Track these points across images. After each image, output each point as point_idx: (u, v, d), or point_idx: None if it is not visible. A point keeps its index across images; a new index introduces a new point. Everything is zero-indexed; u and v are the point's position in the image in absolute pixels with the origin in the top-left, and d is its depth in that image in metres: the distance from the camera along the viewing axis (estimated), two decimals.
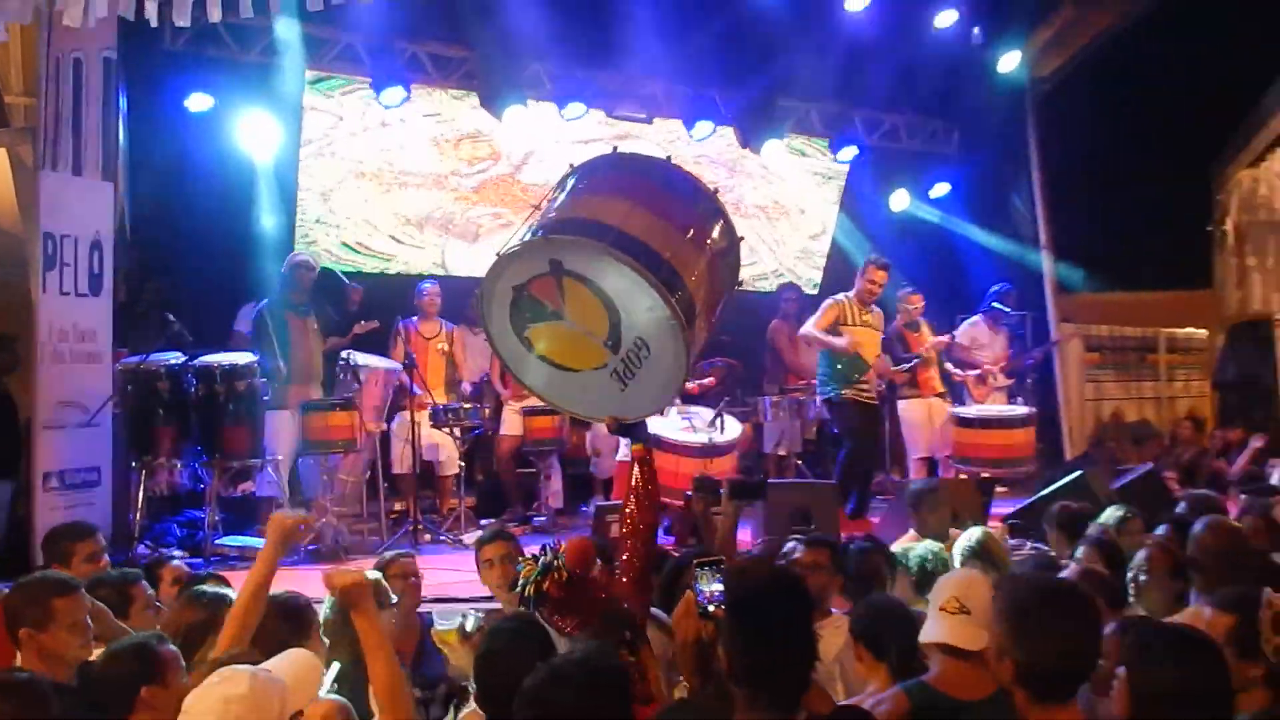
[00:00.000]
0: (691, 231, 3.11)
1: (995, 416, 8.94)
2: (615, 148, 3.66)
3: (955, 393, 9.60)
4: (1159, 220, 11.93)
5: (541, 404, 8.16)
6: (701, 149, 10.81)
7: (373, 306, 8.02)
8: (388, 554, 4.87)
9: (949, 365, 9.58)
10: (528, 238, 3.04)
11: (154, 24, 5.62)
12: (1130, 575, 4.08)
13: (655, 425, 7.39)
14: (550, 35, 9.10)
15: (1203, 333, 13.51)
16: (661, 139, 10.62)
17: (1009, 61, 10.82)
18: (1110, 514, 5.26)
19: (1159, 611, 3.77)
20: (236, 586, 3.68)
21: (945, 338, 9.29)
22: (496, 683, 2.68)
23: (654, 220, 2.94)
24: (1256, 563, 3.87)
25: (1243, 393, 11.90)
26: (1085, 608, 2.44)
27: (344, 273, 8.26)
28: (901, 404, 9.18)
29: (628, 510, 3.17)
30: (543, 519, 8.20)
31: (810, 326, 8.29)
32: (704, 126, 10.35)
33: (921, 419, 9.06)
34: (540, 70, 9.60)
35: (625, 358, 3.00)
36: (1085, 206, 11.47)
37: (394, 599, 3.83)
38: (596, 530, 6.39)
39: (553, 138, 10.03)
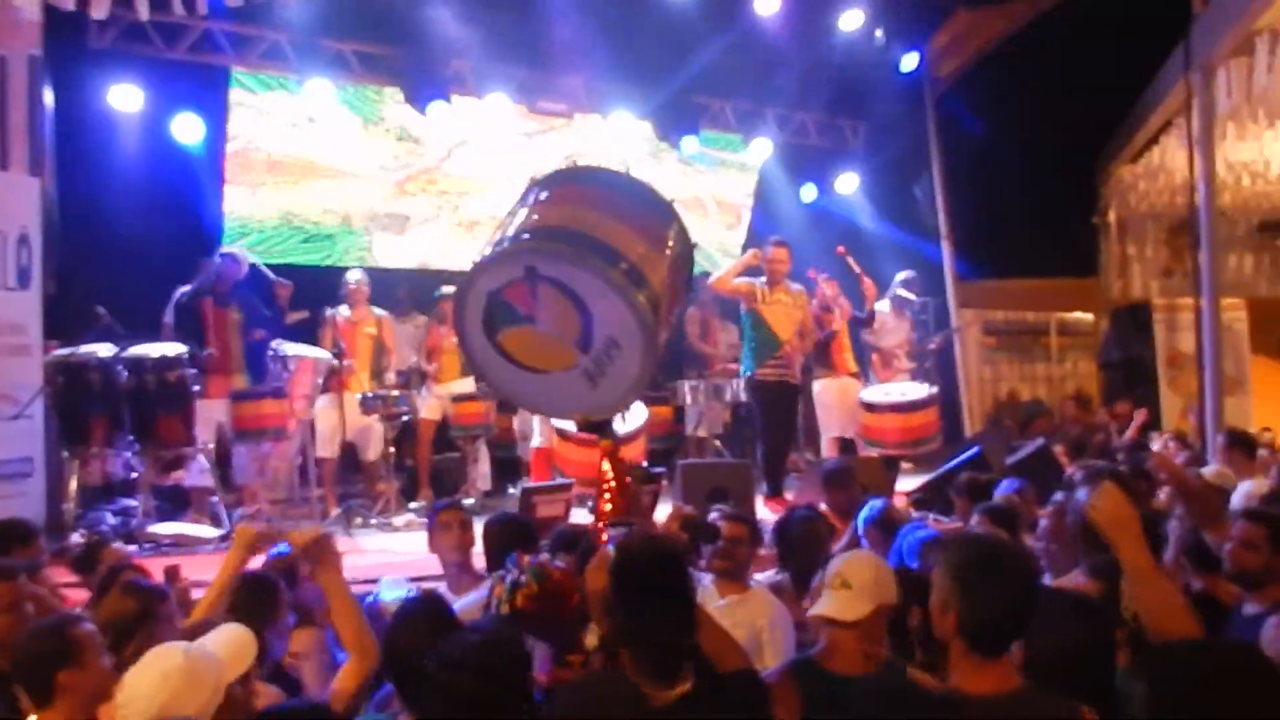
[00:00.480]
0: (654, 237, 3.30)
1: (899, 401, 9.25)
2: (574, 160, 3.86)
3: (866, 374, 9.94)
4: (1049, 212, 12.61)
5: (470, 390, 8.55)
6: (620, 143, 11.14)
7: (301, 298, 8.16)
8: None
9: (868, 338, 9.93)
10: (504, 246, 3.17)
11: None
12: (1032, 543, 4.37)
13: (562, 421, 7.53)
14: (473, 32, 9.35)
15: (1089, 317, 14.26)
16: (582, 133, 10.93)
17: (909, 62, 11.33)
18: (1006, 485, 5.62)
19: (1058, 575, 3.92)
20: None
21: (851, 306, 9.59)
22: (399, 663, 2.77)
23: (621, 227, 3.13)
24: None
25: (1125, 372, 12.58)
26: (1025, 568, 2.53)
27: (270, 265, 8.36)
28: (816, 384, 9.31)
29: (604, 505, 3.30)
30: (471, 502, 8.35)
31: (717, 275, 8.54)
32: (623, 121, 10.68)
33: (835, 399, 9.18)
34: (463, 66, 9.82)
35: (595, 358, 3.12)
36: (982, 199, 12.01)
37: None
38: (522, 512, 6.59)
39: (476, 131, 10.27)
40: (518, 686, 2.42)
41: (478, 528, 4.59)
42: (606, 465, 3.28)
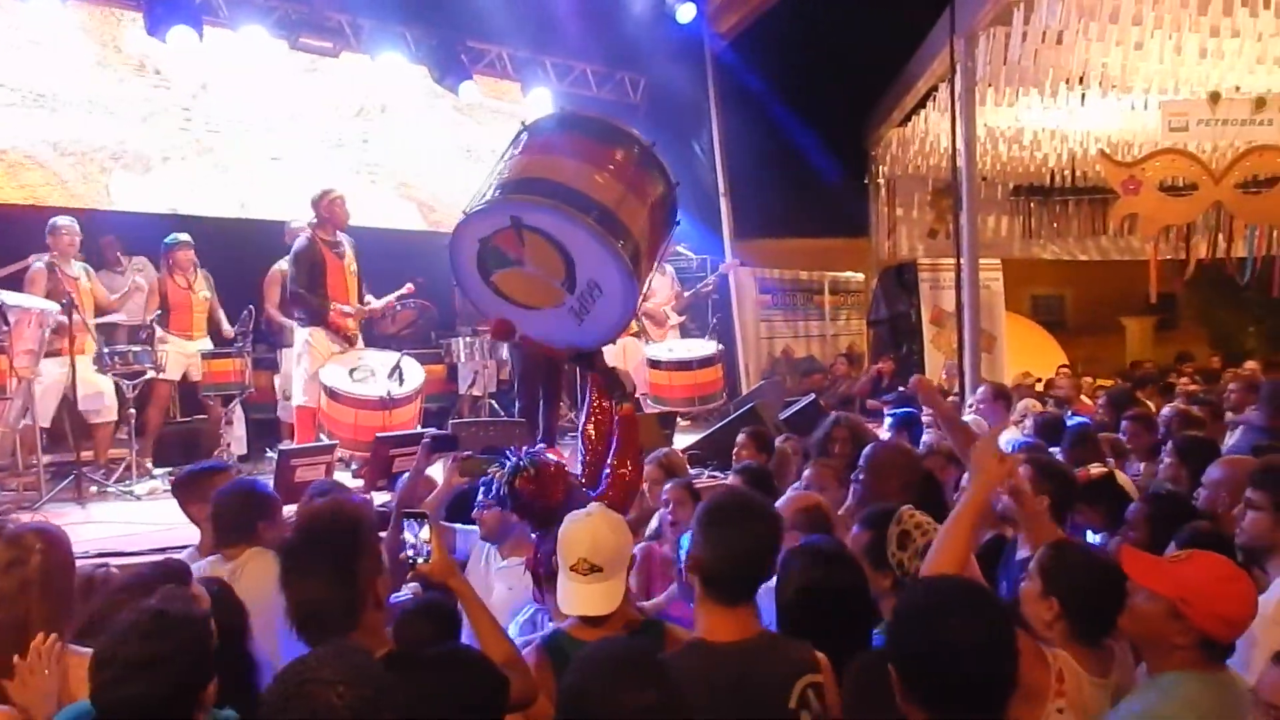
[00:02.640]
0: (634, 184, 3.42)
1: (686, 358, 9.34)
2: (562, 107, 3.88)
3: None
4: (823, 173, 12.90)
5: (221, 348, 7.92)
6: (392, 86, 10.58)
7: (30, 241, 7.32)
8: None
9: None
10: (490, 196, 3.29)
11: None
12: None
13: (331, 378, 7.25)
14: None
15: (860, 276, 14.77)
16: (350, 73, 10.30)
17: (686, 13, 11.22)
18: (778, 441, 5.86)
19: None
20: None
21: None
22: None
23: (601, 176, 3.27)
24: (920, 478, 3.97)
25: (892, 329, 13.10)
26: (763, 518, 2.59)
27: None
28: None
29: (612, 462, 3.49)
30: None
31: None
32: (393, 62, 10.12)
33: (614, 359, 9.28)
34: None
35: (580, 297, 3.30)
36: (760, 157, 12.15)
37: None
38: (280, 477, 6.16)
39: (231, 68, 9.49)
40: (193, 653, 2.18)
41: None
42: (594, 394, 3.52)
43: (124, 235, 8.52)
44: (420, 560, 2.74)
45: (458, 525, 4.14)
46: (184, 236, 8.06)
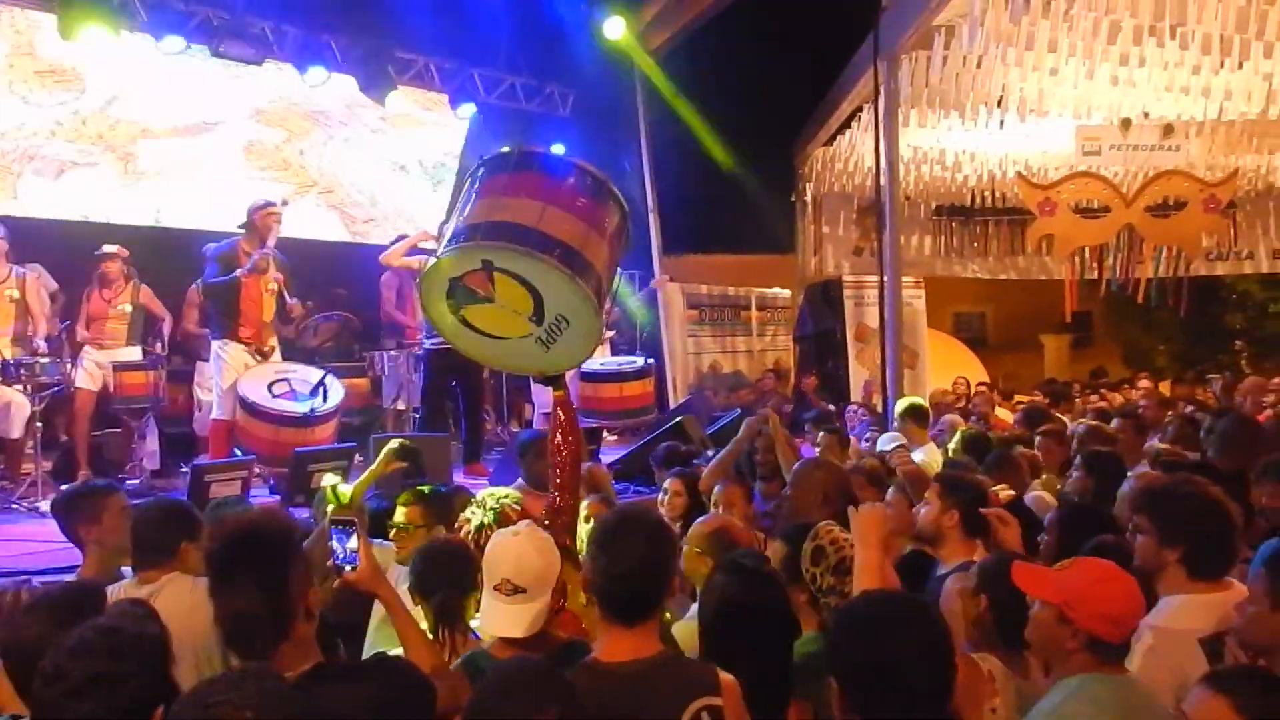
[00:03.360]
0: (594, 221, 3.62)
1: (615, 370, 9.32)
2: (517, 146, 4.05)
3: None
4: (752, 189, 13.02)
5: (133, 359, 7.73)
6: (320, 96, 10.45)
7: None
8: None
9: None
10: (461, 242, 3.53)
11: None
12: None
13: (250, 393, 7.05)
14: None
15: (787, 292, 14.93)
16: (274, 82, 10.15)
17: (614, 29, 11.27)
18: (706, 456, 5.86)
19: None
20: None
21: None
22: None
23: (564, 217, 3.48)
24: (841, 495, 4.01)
25: (817, 345, 13.25)
26: (653, 537, 2.53)
27: None
28: None
29: (556, 448, 3.63)
30: (136, 482, 7.57)
31: (388, 250, 8.30)
32: (318, 73, 9.99)
33: None
34: None
35: (548, 329, 3.56)
36: (688, 173, 12.25)
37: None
38: (194, 493, 6.01)
39: (148, 74, 9.28)
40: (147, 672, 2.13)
41: None
42: (560, 411, 3.70)
43: (32, 241, 8.27)
44: (348, 568, 2.72)
45: (376, 540, 4.09)
46: (111, 248, 7.85)
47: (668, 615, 3.22)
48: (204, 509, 5.18)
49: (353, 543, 2.73)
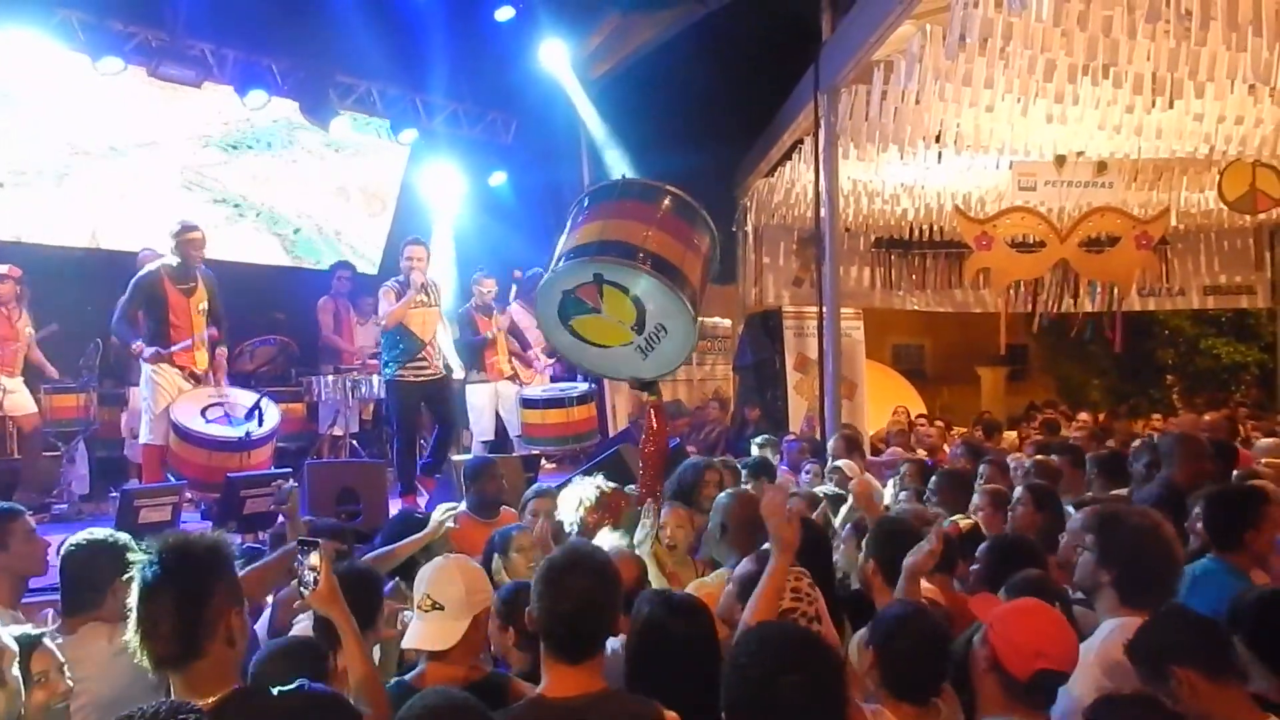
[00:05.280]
0: (690, 242, 4.06)
1: (559, 395, 9.30)
2: (623, 175, 4.90)
3: None
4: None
5: (63, 382, 7.55)
6: (259, 119, 10.33)
7: None
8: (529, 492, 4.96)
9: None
10: (576, 259, 3.93)
11: None
12: None
13: (183, 417, 6.97)
14: None
15: (727, 322, 14.98)
16: (214, 104, 10.01)
17: (555, 56, 11.30)
18: (633, 487, 5.80)
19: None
20: None
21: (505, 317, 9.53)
22: None
23: (666, 238, 3.90)
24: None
25: (757, 375, 13.29)
26: (596, 575, 2.55)
27: None
28: (469, 388, 9.28)
29: (642, 446, 4.25)
30: (64, 507, 7.38)
31: (381, 313, 8.25)
32: (258, 96, 9.89)
33: (485, 402, 9.18)
34: (70, 17, 8.70)
35: (648, 338, 3.93)
36: None
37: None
38: (123, 518, 5.86)
39: (86, 93, 9.12)
40: None
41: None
42: (652, 415, 4.27)
43: None
44: (307, 591, 2.77)
45: None
46: (2, 268, 7.66)
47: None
48: (134, 534, 5.09)
49: (312, 559, 2.77)
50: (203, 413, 7.14)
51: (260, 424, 7.21)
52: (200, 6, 8.96)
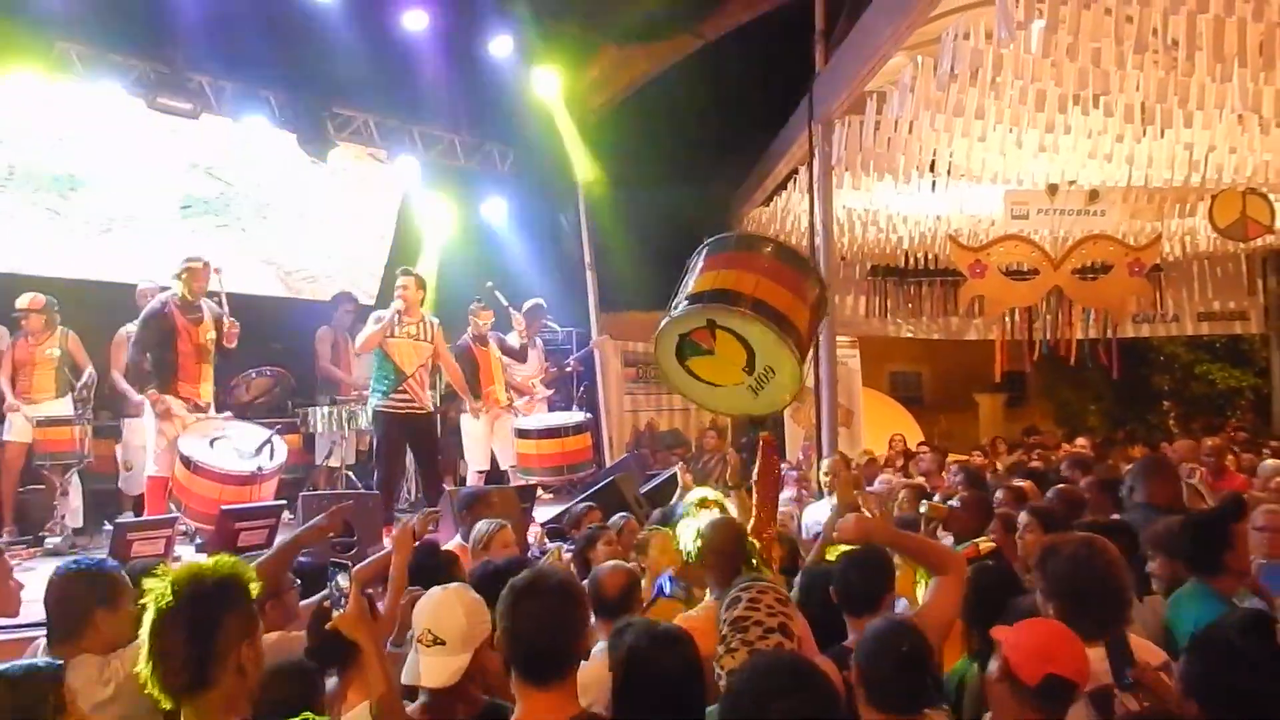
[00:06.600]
0: (798, 291, 4.30)
1: (554, 425, 9.31)
2: (743, 229, 4.72)
3: None
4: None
5: (57, 414, 7.56)
6: (257, 149, 10.39)
7: None
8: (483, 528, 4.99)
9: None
10: (692, 305, 4.22)
11: None
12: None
13: (192, 449, 7.04)
14: (82, 12, 8.40)
15: None
16: (210, 135, 10.08)
17: (549, 85, 11.40)
18: (616, 519, 5.90)
19: None
20: None
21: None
22: None
23: (775, 287, 4.16)
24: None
25: None
26: (556, 598, 2.53)
27: None
28: (464, 417, 9.30)
29: (758, 480, 4.28)
30: (58, 540, 7.36)
31: (359, 338, 8.29)
32: (256, 126, 9.96)
33: (482, 433, 9.18)
34: (69, 49, 8.78)
35: (758, 378, 4.16)
36: (626, 231, 12.31)
37: None
38: (116, 551, 5.87)
39: (85, 124, 9.19)
40: None
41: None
42: (764, 449, 4.28)
43: None
44: (337, 611, 2.82)
45: None
46: (24, 300, 7.80)
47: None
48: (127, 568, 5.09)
49: (341, 582, 2.85)
50: (210, 444, 7.19)
51: (271, 458, 7.29)
52: (197, 39, 9.03)
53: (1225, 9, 6.76)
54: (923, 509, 5.26)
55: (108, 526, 7.73)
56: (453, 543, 5.67)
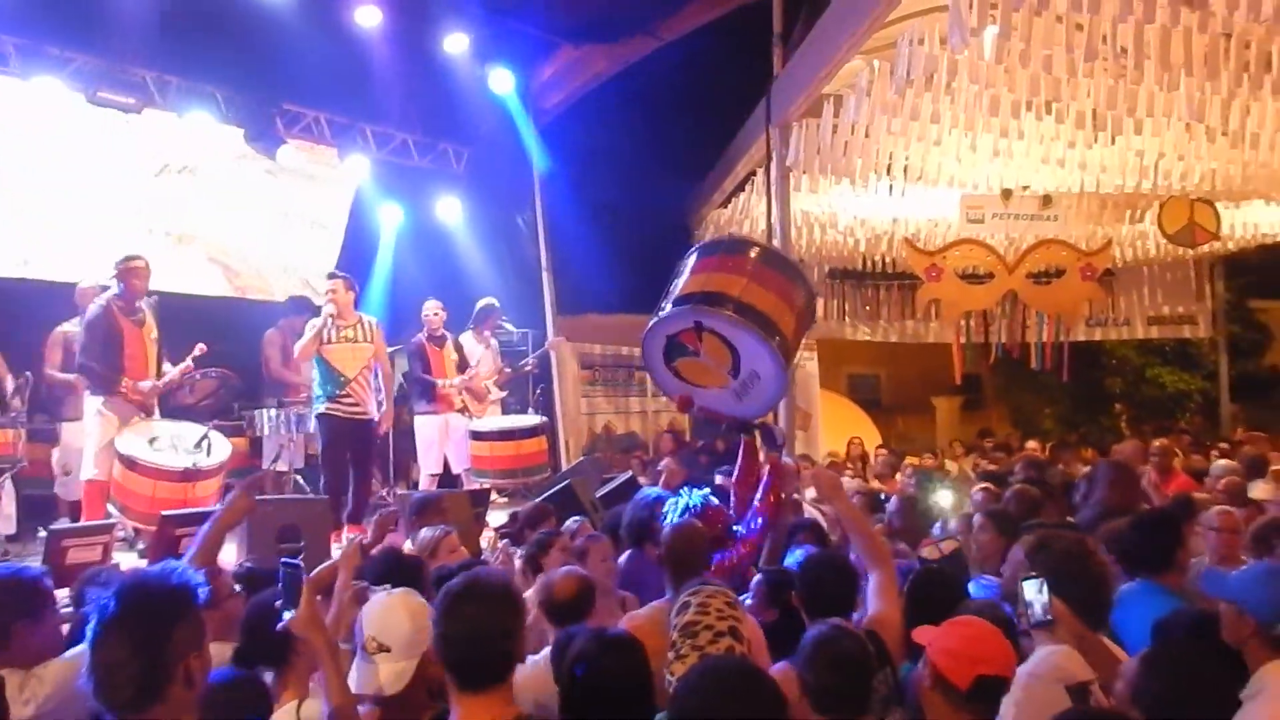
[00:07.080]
0: (786, 296, 4.31)
1: (510, 428, 9.20)
2: (730, 233, 4.76)
3: None
4: (646, 250, 13.03)
5: None
6: (203, 146, 10.17)
7: None
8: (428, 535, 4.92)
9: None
10: (679, 307, 4.25)
11: None
12: None
13: (128, 447, 6.85)
14: (18, 3, 8.18)
15: None
16: (153, 131, 9.84)
17: (504, 84, 11.27)
18: (570, 523, 5.75)
19: None
20: None
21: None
22: None
23: (762, 291, 4.16)
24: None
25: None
26: (488, 602, 2.48)
27: None
28: (417, 420, 9.14)
29: (761, 499, 4.30)
30: None
31: (296, 347, 8.14)
32: (201, 121, 9.75)
33: (435, 435, 9.06)
34: (5, 41, 8.54)
35: (742, 382, 4.16)
36: (583, 232, 12.23)
37: None
38: (50, 559, 5.67)
39: (20, 118, 8.93)
40: None
41: None
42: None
43: None
44: (288, 613, 2.76)
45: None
46: None
47: None
48: (63, 577, 4.92)
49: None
50: (150, 443, 7.00)
51: (209, 455, 7.08)
52: (141, 32, 8.81)
53: (1171, 19, 6.80)
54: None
55: (42, 534, 7.53)
56: (405, 548, 5.56)
